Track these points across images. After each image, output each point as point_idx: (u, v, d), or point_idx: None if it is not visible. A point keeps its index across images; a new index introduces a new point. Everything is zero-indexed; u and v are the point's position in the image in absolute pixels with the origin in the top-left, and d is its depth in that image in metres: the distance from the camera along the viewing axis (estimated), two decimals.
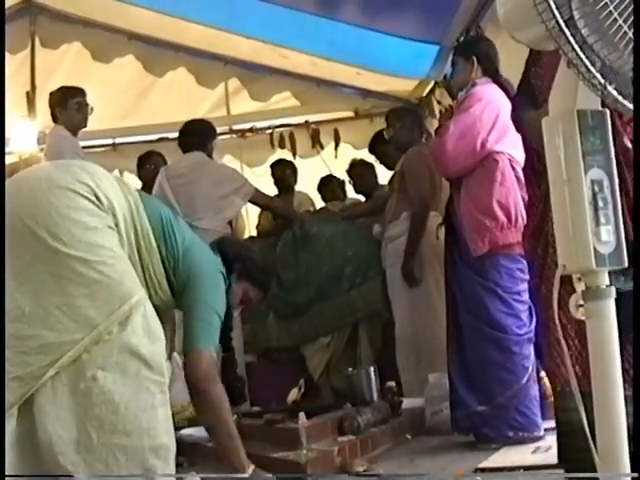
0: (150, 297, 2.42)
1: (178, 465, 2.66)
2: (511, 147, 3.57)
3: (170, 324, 2.66)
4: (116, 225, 2.35)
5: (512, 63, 3.50)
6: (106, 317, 2.20)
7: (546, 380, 3.33)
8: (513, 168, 3.61)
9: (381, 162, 5.45)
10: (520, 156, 3.29)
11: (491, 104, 3.67)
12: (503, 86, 3.74)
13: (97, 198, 2.31)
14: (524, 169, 2.94)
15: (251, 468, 2.56)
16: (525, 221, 3.17)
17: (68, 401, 2.17)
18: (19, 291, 2.18)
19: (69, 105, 4.94)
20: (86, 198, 2.29)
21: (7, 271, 2.19)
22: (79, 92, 5.02)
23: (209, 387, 2.52)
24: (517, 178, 3.57)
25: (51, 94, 5.07)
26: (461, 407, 3.66)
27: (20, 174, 2.55)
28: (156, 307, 2.42)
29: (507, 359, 3.55)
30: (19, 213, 2.25)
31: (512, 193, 3.60)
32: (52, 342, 2.17)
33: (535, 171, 2.66)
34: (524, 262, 3.55)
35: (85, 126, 5.04)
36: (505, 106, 3.66)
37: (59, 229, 2.22)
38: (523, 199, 3.45)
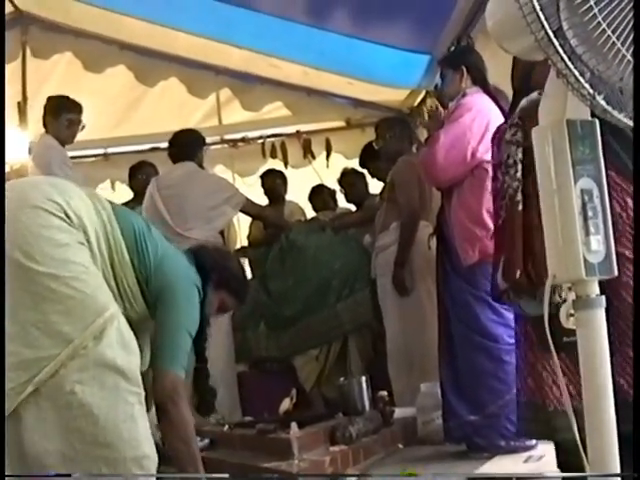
0: (125, 310, 2.45)
1: None
2: None
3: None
4: (87, 241, 2.37)
5: (503, 73, 3.52)
6: (81, 332, 2.23)
7: None
8: None
9: (372, 175, 5.45)
10: None
11: (481, 113, 3.68)
12: (493, 95, 3.75)
13: (67, 216, 2.34)
14: None
15: None
16: None
17: (51, 416, 2.20)
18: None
19: (61, 119, 4.92)
20: (56, 216, 2.32)
21: None
22: (74, 108, 4.97)
23: (170, 407, 2.54)
24: None
25: (49, 99, 5.03)
26: (453, 417, 3.66)
27: None
28: (132, 320, 2.44)
29: (498, 368, 3.55)
30: None
31: None
32: (30, 358, 2.20)
33: None
34: None
35: (71, 142, 5.02)
36: (496, 115, 3.67)
37: (31, 248, 2.25)
38: None
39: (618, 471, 1.59)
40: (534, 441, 3.51)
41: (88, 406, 2.21)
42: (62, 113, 4.93)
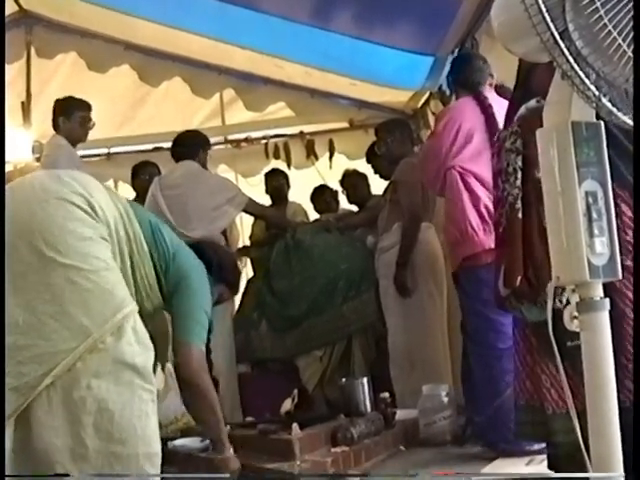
0: (142, 300, 2.51)
1: None
2: (467, 159, 3.60)
3: (165, 336, 2.71)
4: (109, 235, 2.40)
5: (508, 75, 3.52)
6: (100, 326, 2.23)
7: None
8: (465, 181, 3.62)
9: (377, 172, 5.45)
10: (479, 168, 3.35)
11: (451, 121, 3.73)
12: (482, 99, 3.74)
13: (92, 208, 2.36)
14: None
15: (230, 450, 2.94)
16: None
17: (62, 410, 2.18)
18: (13, 302, 2.19)
19: (74, 117, 4.97)
20: (81, 209, 2.34)
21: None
22: (86, 106, 5.03)
23: (201, 380, 2.70)
24: (469, 190, 3.59)
25: (57, 101, 5.07)
26: (464, 417, 3.72)
27: (11, 184, 2.55)
28: (146, 312, 2.50)
29: (489, 373, 3.55)
30: (13, 223, 2.26)
31: (459, 207, 3.61)
32: (47, 351, 2.18)
33: None
34: None
35: (84, 141, 5.08)
36: (469, 119, 3.68)
37: (56, 239, 2.26)
38: (477, 210, 3.49)
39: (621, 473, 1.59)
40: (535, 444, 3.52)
41: (104, 402, 2.19)
42: (75, 111, 4.98)
